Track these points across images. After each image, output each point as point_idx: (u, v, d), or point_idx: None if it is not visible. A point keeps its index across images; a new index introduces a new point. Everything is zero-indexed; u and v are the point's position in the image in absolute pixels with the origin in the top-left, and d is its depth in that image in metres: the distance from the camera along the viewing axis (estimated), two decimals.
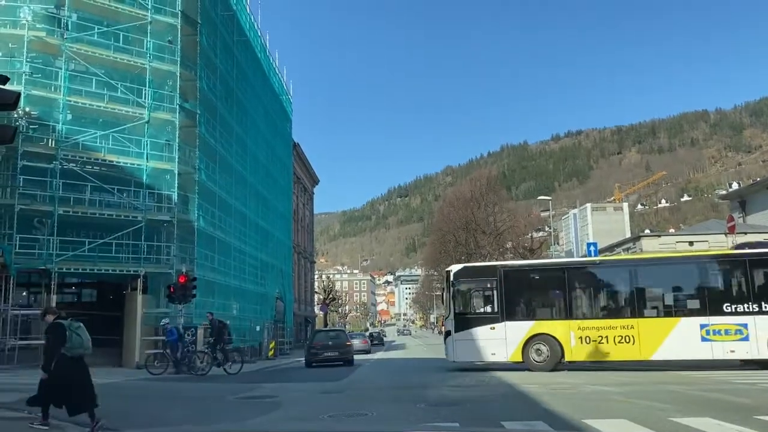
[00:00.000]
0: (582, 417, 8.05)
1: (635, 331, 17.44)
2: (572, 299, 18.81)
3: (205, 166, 29.03)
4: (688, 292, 17.76)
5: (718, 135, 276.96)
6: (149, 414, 10.20)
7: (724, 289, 17.42)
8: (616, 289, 18.86)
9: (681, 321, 17.12)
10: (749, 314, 16.43)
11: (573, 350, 17.92)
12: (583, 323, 18.00)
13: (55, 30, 25.24)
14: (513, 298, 19.01)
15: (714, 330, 16.53)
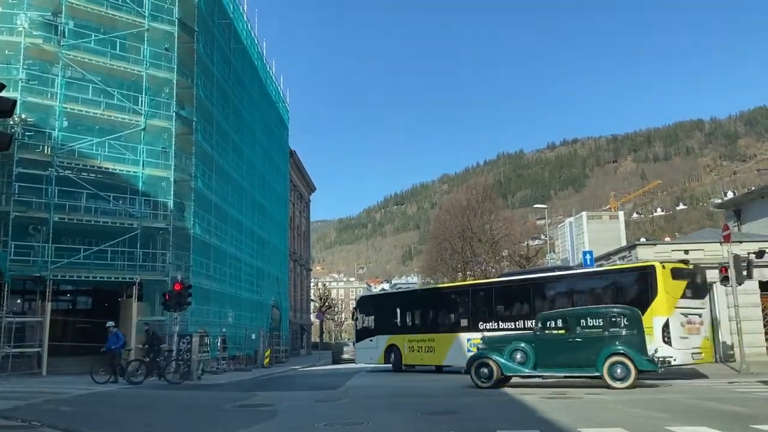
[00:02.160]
0: (578, 426, 8.03)
1: (435, 343, 23.25)
2: (405, 319, 25.53)
3: (202, 174, 29.00)
4: (462, 313, 22.86)
5: (713, 144, 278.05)
6: (144, 422, 10.14)
7: (474, 312, 22.30)
8: (427, 311, 24.91)
9: (458, 336, 22.15)
10: (486, 331, 20.28)
11: (407, 356, 24.44)
12: (411, 337, 24.36)
13: (52, 37, 25.26)
14: (380, 318, 26.43)
15: (474, 343, 19.74)
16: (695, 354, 17.17)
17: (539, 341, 15.26)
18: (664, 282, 17.14)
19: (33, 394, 13.84)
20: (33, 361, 23.21)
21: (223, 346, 28.15)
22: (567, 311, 16.07)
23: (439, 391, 14.35)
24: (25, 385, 17.26)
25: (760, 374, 17.22)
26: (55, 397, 13.80)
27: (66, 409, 11.30)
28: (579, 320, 14.91)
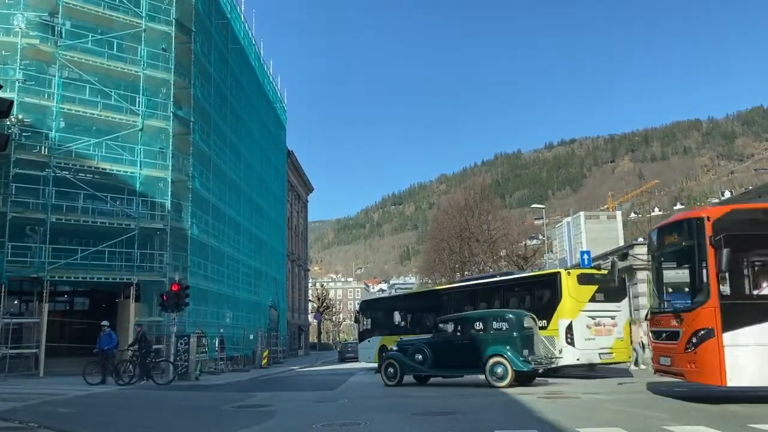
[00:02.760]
0: (576, 426, 8.02)
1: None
2: (393, 321, 26.90)
3: (199, 174, 28.96)
4: (433, 315, 22.46)
5: (711, 144, 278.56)
6: (142, 423, 10.12)
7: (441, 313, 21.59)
8: (408, 313, 26.48)
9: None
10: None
11: None
12: (396, 338, 23.50)
13: (49, 37, 25.21)
14: (374, 321, 28.14)
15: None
16: (603, 354, 18.27)
17: (435, 343, 16.81)
18: (569, 287, 18.32)
19: (30, 396, 13.81)
20: (30, 362, 23.17)
21: (221, 347, 28.12)
22: (456, 315, 17.97)
23: (436, 392, 14.35)
24: (22, 387, 17.23)
25: None
26: (53, 398, 13.77)
27: (63, 410, 11.27)
28: (466, 324, 16.37)
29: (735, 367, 9.52)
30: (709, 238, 9.91)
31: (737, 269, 10.05)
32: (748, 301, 9.89)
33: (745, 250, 10.11)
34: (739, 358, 9.53)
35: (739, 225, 10.21)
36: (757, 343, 9.50)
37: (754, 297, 9.96)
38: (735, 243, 9.78)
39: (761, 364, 9.48)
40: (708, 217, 10.15)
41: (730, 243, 9.69)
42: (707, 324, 9.78)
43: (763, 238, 10.28)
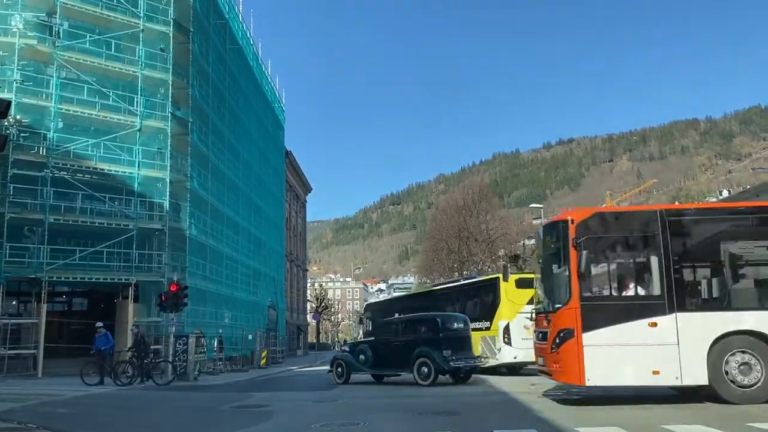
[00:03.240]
0: (574, 425, 8.04)
1: None
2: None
3: (197, 174, 28.94)
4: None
5: (708, 143, 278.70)
6: (141, 424, 10.12)
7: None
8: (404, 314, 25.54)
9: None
10: None
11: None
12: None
13: (47, 38, 25.19)
14: (371, 323, 29.13)
15: None
16: None
17: (376, 345, 18.11)
18: (506, 291, 19.55)
19: (29, 396, 13.80)
20: (29, 363, 23.14)
21: (220, 347, 28.11)
22: (393, 319, 19.52)
23: (435, 391, 14.35)
24: (20, 387, 17.21)
25: None
26: (51, 399, 13.76)
27: (62, 411, 11.26)
28: (401, 327, 17.86)
29: (593, 366, 9.76)
30: (572, 240, 10.13)
31: (598, 271, 10.32)
32: (607, 302, 10.12)
33: (607, 253, 10.40)
34: (598, 357, 9.76)
35: (601, 228, 10.43)
36: (615, 343, 9.75)
37: (612, 298, 10.19)
38: (596, 245, 10.21)
39: (618, 363, 9.77)
40: (572, 219, 10.36)
41: (591, 245, 10.11)
42: (568, 324, 10.01)
43: (624, 240, 10.51)
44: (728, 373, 9.68)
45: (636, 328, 9.80)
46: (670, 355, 9.67)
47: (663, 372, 9.67)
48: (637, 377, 9.86)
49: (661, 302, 9.92)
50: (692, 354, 9.65)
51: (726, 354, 9.71)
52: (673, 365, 9.66)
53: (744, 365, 9.67)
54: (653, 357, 9.69)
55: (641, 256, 10.45)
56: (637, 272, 10.45)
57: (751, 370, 9.66)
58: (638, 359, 9.74)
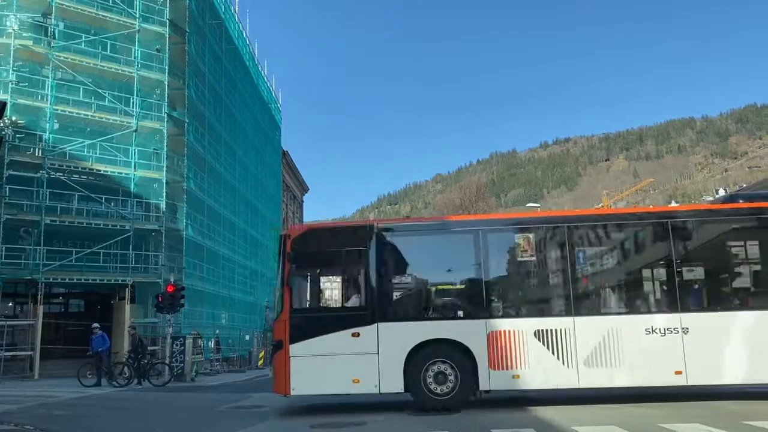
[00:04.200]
0: (572, 424, 8.05)
1: None
2: None
3: (194, 175, 28.91)
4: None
5: (705, 142, 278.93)
6: (138, 425, 10.10)
7: None
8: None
9: None
10: None
11: None
12: None
13: (42, 38, 25.14)
14: None
15: None
16: None
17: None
18: None
19: (26, 398, 13.76)
20: (25, 365, 23.07)
21: (217, 348, 28.07)
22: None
23: None
24: (17, 389, 17.17)
25: None
26: (48, 400, 13.72)
27: (59, 412, 11.23)
28: None
29: (298, 376, 10.08)
30: (287, 255, 10.51)
31: (310, 285, 10.75)
32: (314, 314, 10.47)
33: (319, 267, 10.73)
34: (303, 368, 10.09)
35: (315, 243, 10.81)
36: (320, 353, 10.07)
37: (320, 310, 10.57)
38: (309, 260, 10.60)
39: (321, 373, 10.06)
40: (288, 235, 10.79)
41: (304, 260, 10.53)
42: (279, 336, 10.38)
43: (336, 255, 10.81)
44: (425, 381, 10.03)
45: (340, 338, 10.11)
46: (370, 364, 9.99)
47: (363, 380, 10.00)
48: (339, 386, 10.14)
49: (364, 313, 10.26)
50: (391, 363, 9.97)
51: (423, 362, 10.03)
52: (372, 374, 9.98)
53: (440, 374, 10.05)
54: (355, 366, 10.01)
55: (350, 269, 10.78)
56: (346, 285, 10.81)
57: (446, 379, 10.03)
58: (340, 368, 10.03)
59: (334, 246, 10.81)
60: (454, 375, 9.99)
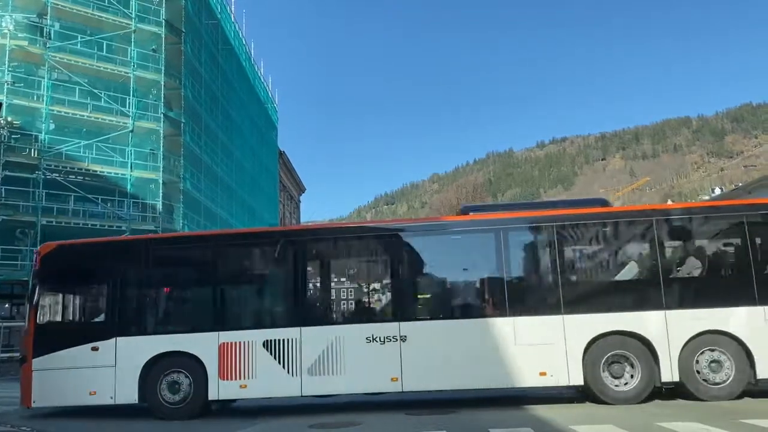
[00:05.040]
0: (570, 423, 8.06)
1: None
2: None
3: (190, 175, 28.89)
4: None
5: (701, 141, 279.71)
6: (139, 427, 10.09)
7: None
8: None
9: None
10: None
11: None
12: None
13: (38, 39, 25.10)
14: None
15: None
16: None
17: None
18: None
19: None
20: None
21: None
22: None
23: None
24: (14, 390, 17.08)
25: None
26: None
27: (56, 413, 11.21)
28: None
29: (39, 389, 10.35)
30: (35, 271, 10.85)
31: (55, 300, 11.00)
32: (57, 329, 10.72)
33: (63, 283, 11.01)
34: (44, 381, 10.33)
35: (63, 260, 10.99)
36: (61, 366, 10.30)
37: (63, 325, 10.86)
38: (55, 276, 10.86)
39: (61, 385, 10.31)
40: (39, 251, 11.06)
41: (50, 276, 10.79)
42: (25, 350, 10.69)
43: (80, 272, 11.01)
44: (160, 391, 10.27)
45: (81, 352, 10.34)
46: (107, 377, 10.24)
47: (99, 392, 10.26)
48: (77, 397, 10.41)
49: (103, 328, 10.53)
50: (127, 374, 10.21)
51: (158, 373, 10.25)
52: (108, 385, 10.24)
53: (174, 384, 10.28)
54: (92, 379, 10.25)
55: (95, 285, 11.09)
56: (90, 301, 11.22)
57: (179, 389, 10.27)
58: (78, 381, 10.27)
59: (82, 263, 11.11)
60: (186, 384, 10.24)
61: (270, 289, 11.24)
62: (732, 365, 9.76)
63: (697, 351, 9.81)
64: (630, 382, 9.89)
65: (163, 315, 11.23)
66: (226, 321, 10.53)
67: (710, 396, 9.68)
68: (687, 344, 9.80)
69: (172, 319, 11.16)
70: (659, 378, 9.79)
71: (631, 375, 9.91)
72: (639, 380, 9.85)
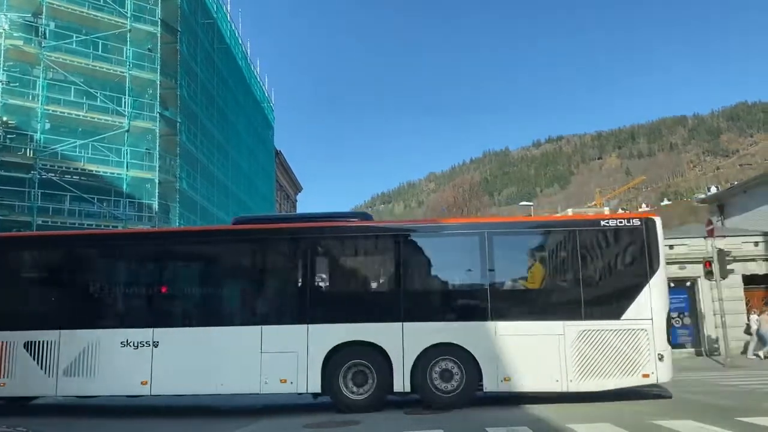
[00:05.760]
0: (566, 422, 8.08)
1: None
2: None
3: (186, 175, 28.83)
4: None
5: (696, 140, 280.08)
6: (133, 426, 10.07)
7: None
8: None
9: None
10: None
11: None
12: None
13: (33, 38, 25.01)
14: None
15: None
16: None
17: None
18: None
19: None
20: None
21: None
22: None
23: None
24: None
25: (745, 367, 17.43)
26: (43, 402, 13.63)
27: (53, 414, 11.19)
28: None
29: None
30: None
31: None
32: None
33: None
34: None
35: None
36: None
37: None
38: None
39: None
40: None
41: None
42: None
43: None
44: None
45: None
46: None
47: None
48: None
49: None
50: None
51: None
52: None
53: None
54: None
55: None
56: None
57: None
58: None
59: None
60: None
61: (32, 292, 11.34)
62: (462, 375, 10.13)
63: (430, 361, 10.17)
64: (366, 391, 10.22)
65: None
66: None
67: (439, 403, 10.03)
68: (421, 355, 10.15)
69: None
70: (393, 387, 10.13)
71: (371, 383, 10.23)
72: (374, 389, 10.19)
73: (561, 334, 10.05)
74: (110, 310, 11.02)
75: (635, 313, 10.06)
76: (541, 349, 10.02)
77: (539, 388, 10.11)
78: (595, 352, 9.98)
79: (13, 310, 11.00)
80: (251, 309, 10.91)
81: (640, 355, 9.92)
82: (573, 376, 9.94)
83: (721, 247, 20.47)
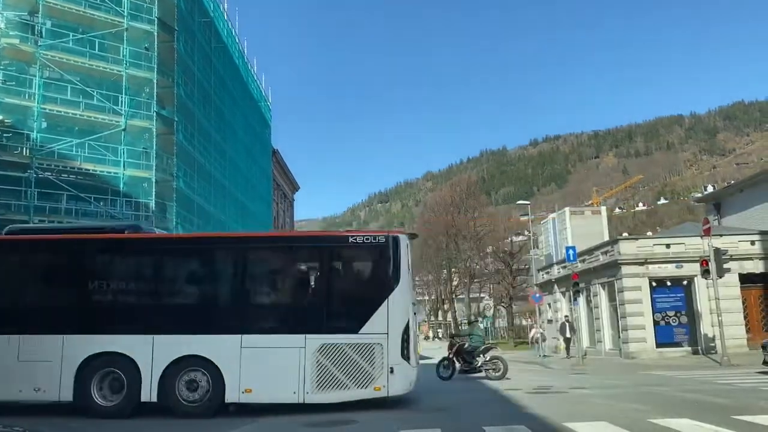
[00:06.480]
0: (563, 420, 8.08)
1: None
2: None
3: (183, 174, 28.78)
4: None
5: (693, 139, 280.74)
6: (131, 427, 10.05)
7: None
8: None
9: None
10: None
11: None
12: None
13: (29, 37, 24.95)
14: None
15: None
16: None
17: None
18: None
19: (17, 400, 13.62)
20: None
21: None
22: None
23: (424, 388, 14.35)
24: None
25: (741, 366, 17.47)
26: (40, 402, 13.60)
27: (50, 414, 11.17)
28: None
29: None
30: None
31: None
32: None
33: None
34: None
35: None
36: None
37: None
38: None
39: None
40: None
41: None
42: None
43: None
44: None
45: None
46: None
47: None
48: None
49: None
50: None
51: None
52: None
53: None
54: None
55: None
56: None
57: None
58: None
59: None
60: None
61: None
62: (209, 386, 10.39)
63: (179, 372, 10.43)
64: (117, 399, 10.50)
65: None
66: None
67: (184, 412, 10.35)
68: (170, 366, 10.40)
69: None
70: (141, 395, 10.38)
71: (124, 392, 10.49)
72: (123, 397, 10.45)
73: (302, 347, 10.27)
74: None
75: (372, 328, 10.30)
76: (282, 361, 10.27)
77: (277, 399, 10.38)
78: (333, 365, 10.21)
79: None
80: (12, 318, 10.96)
81: (374, 368, 10.16)
82: (310, 388, 10.19)
83: (717, 246, 20.55)
